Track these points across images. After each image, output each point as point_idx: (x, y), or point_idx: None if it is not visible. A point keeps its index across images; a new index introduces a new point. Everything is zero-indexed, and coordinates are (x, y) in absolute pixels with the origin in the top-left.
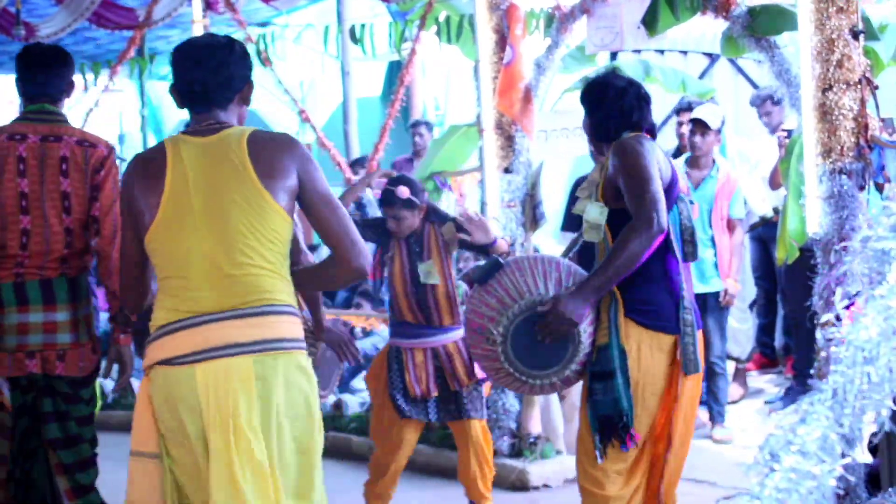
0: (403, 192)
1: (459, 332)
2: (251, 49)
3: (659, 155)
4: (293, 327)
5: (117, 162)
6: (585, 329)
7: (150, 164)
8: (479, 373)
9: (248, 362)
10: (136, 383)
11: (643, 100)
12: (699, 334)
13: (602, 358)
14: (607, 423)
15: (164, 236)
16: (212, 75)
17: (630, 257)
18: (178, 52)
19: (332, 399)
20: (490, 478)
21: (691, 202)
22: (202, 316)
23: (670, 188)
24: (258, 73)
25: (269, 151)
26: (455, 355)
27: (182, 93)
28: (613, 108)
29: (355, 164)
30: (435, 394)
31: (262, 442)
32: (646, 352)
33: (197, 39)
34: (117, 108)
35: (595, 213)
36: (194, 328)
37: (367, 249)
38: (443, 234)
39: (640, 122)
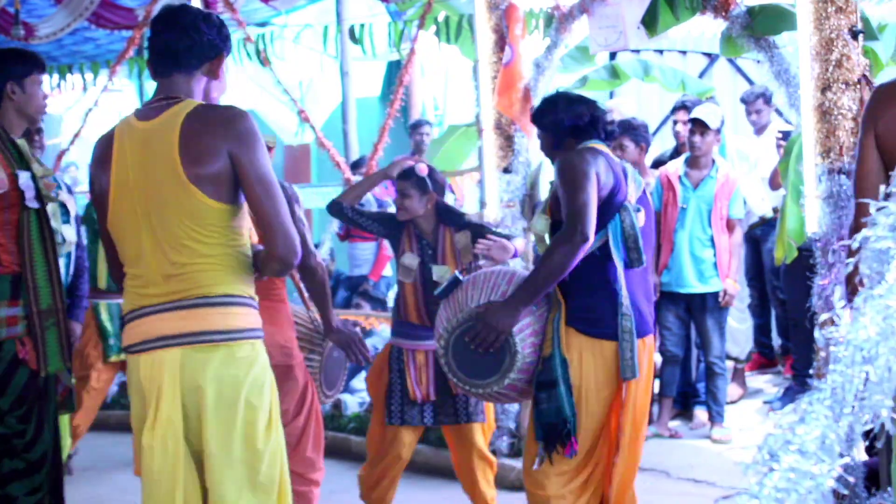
0: (422, 169)
1: None
2: (250, 49)
3: (601, 165)
4: (231, 318)
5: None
6: (524, 339)
7: (102, 152)
8: None
9: (177, 354)
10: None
11: (595, 109)
12: (648, 340)
13: (546, 368)
14: (551, 431)
15: (116, 232)
16: (181, 35)
17: (555, 267)
18: (155, 18)
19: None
20: (492, 476)
21: (637, 209)
22: (144, 309)
23: (612, 196)
24: (257, 72)
25: (200, 135)
26: None
27: (152, 59)
28: (564, 118)
29: (354, 167)
30: (434, 398)
31: (180, 437)
32: (588, 359)
33: (175, 5)
34: (116, 108)
35: (540, 226)
36: (140, 319)
37: (296, 242)
38: (457, 242)
39: (591, 131)
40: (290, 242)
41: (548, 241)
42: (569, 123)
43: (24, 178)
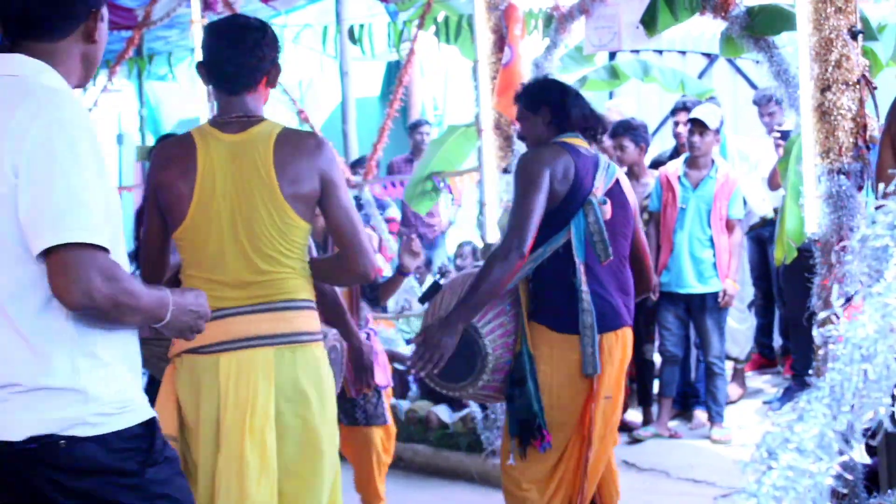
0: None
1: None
2: None
3: (561, 164)
4: (310, 321)
5: None
6: (494, 340)
7: (179, 157)
8: (381, 380)
9: (270, 353)
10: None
11: (582, 100)
12: (622, 332)
13: (517, 365)
14: (524, 427)
15: (193, 237)
16: (245, 56)
17: (491, 284)
18: (212, 29)
19: None
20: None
21: (603, 201)
22: (226, 310)
23: (573, 194)
24: None
25: (294, 157)
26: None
27: (212, 72)
28: (557, 109)
29: (355, 165)
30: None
31: (273, 430)
32: (556, 354)
33: (232, 19)
34: (116, 108)
35: (504, 221)
36: (219, 320)
37: (373, 257)
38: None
39: (590, 128)
40: (370, 258)
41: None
42: (577, 116)
43: None
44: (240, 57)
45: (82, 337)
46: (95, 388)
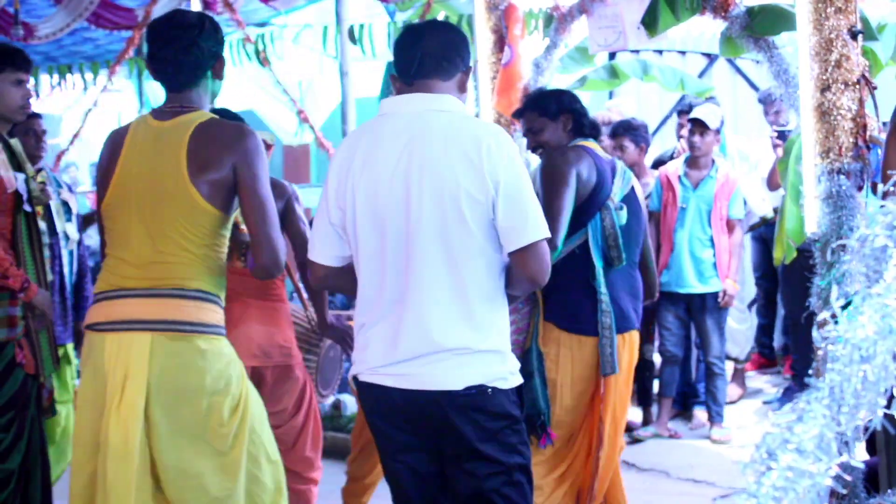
0: None
1: None
2: (250, 49)
3: (584, 165)
4: (199, 311)
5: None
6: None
7: (115, 141)
8: None
9: (147, 339)
10: None
11: (583, 107)
12: (629, 336)
13: (524, 361)
14: (528, 423)
15: (110, 216)
16: (182, 55)
17: None
18: (152, 28)
19: (331, 399)
20: None
21: (620, 207)
22: (123, 290)
23: (594, 195)
24: (257, 73)
25: (208, 145)
26: None
27: (154, 71)
28: (577, 113)
29: None
30: None
31: (140, 418)
32: (565, 354)
33: (170, 17)
34: (116, 109)
35: None
36: (111, 300)
37: (280, 255)
38: None
39: (586, 128)
40: (274, 254)
41: None
42: (578, 119)
43: (19, 180)
44: (178, 56)
45: (504, 312)
46: (508, 351)
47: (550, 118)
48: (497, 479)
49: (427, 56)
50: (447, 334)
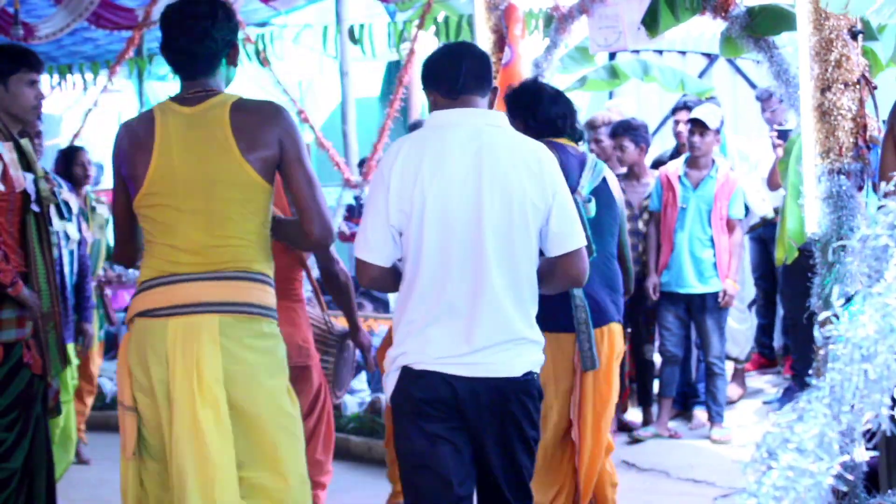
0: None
1: None
2: (250, 49)
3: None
4: (263, 295)
5: None
6: None
7: (139, 132)
8: None
9: (215, 320)
10: None
11: (571, 106)
12: (608, 328)
13: None
14: None
15: (152, 205)
16: (197, 45)
17: None
18: (165, 17)
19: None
20: None
21: (588, 199)
22: (180, 275)
23: None
24: (257, 73)
25: (252, 122)
26: None
27: (170, 61)
28: (547, 113)
29: (360, 166)
30: None
31: (224, 392)
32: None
33: (182, 6)
34: (116, 109)
35: None
36: (170, 285)
37: (332, 225)
38: None
39: (564, 128)
40: (326, 224)
41: None
42: (543, 117)
43: (28, 180)
44: (192, 46)
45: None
46: (542, 342)
47: (512, 115)
48: (526, 455)
49: (470, 74)
50: (513, 327)
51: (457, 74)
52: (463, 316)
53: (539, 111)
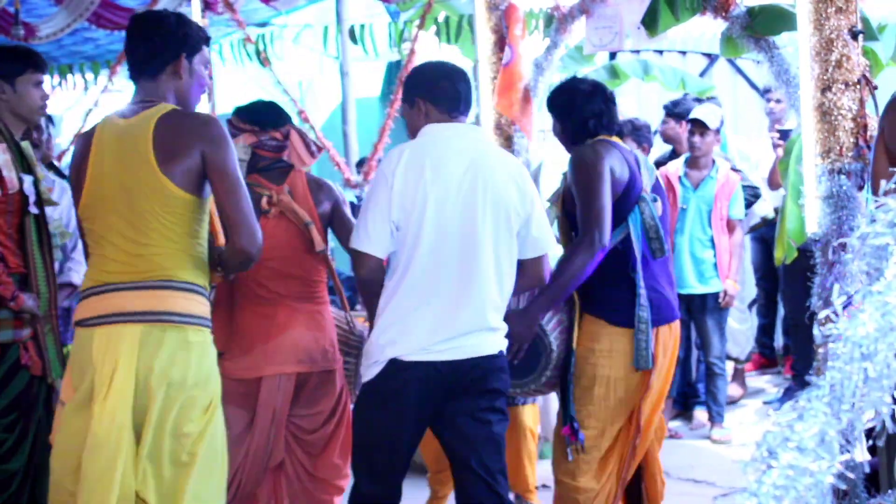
0: None
1: None
2: (250, 49)
3: (615, 159)
4: (188, 303)
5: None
6: (557, 336)
7: (83, 144)
8: None
9: (137, 330)
10: None
11: (610, 101)
12: (675, 325)
13: (570, 361)
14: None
15: (88, 216)
16: (140, 46)
17: (573, 273)
18: (128, 24)
19: None
20: (535, 470)
21: (654, 199)
22: (108, 285)
23: (629, 189)
24: (257, 73)
25: (174, 133)
26: None
27: (128, 64)
28: (582, 113)
29: (358, 166)
30: None
31: (129, 408)
32: (616, 348)
33: (141, 13)
34: (116, 108)
35: (549, 217)
36: (100, 295)
37: (259, 237)
38: None
39: (609, 125)
40: (252, 235)
41: (555, 231)
42: (585, 117)
43: (27, 182)
44: (136, 47)
45: None
46: (505, 329)
47: (558, 116)
48: (502, 424)
49: (469, 96)
50: (491, 316)
51: (459, 96)
52: (450, 304)
53: (580, 112)
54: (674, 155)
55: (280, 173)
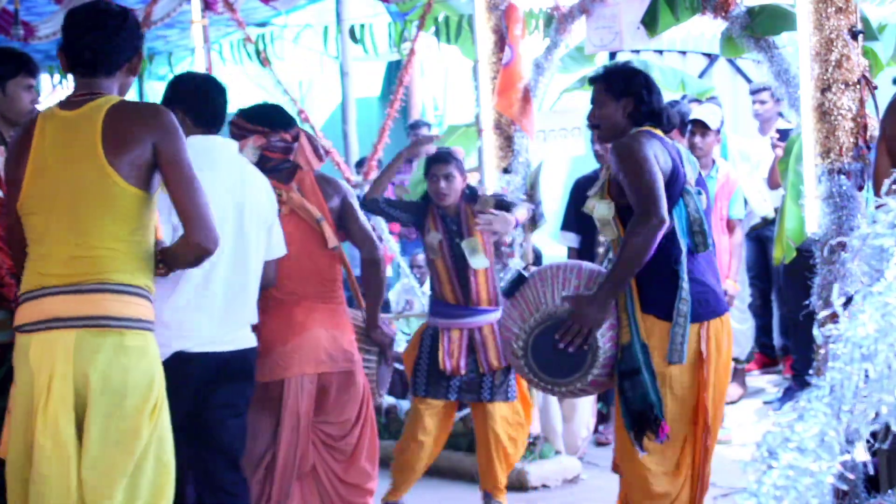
0: (459, 151)
1: (496, 315)
2: (250, 49)
3: (657, 149)
4: (125, 307)
5: None
6: (604, 333)
7: (22, 137)
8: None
9: (72, 335)
10: None
11: (659, 93)
12: (726, 318)
13: (627, 356)
14: (639, 419)
15: (26, 213)
16: (103, 41)
17: (636, 252)
18: (71, 15)
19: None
20: (506, 471)
21: (699, 192)
22: (46, 289)
23: (673, 180)
24: (257, 73)
25: (124, 124)
26: (489, 338)
27: (70, 57)
28: (641, 97)
29: (358, 166)
30: (463, 372)
31: (71, 416)
32: (657, 344)
33: (91, 5)
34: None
35: (603, 210)
36: (35, 300)
37: (215, 230)
38: (479, 204)
39: (657, 115)
40: (208, 230)
41: (612, 225)
42: (642, 101)
43: None
44: (98, 43)
45: None
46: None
47: (613, 97)
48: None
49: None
50: (253, 313)
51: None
52: (220, 304)
53: (653, 102)
54: None
55: (288, 173)
